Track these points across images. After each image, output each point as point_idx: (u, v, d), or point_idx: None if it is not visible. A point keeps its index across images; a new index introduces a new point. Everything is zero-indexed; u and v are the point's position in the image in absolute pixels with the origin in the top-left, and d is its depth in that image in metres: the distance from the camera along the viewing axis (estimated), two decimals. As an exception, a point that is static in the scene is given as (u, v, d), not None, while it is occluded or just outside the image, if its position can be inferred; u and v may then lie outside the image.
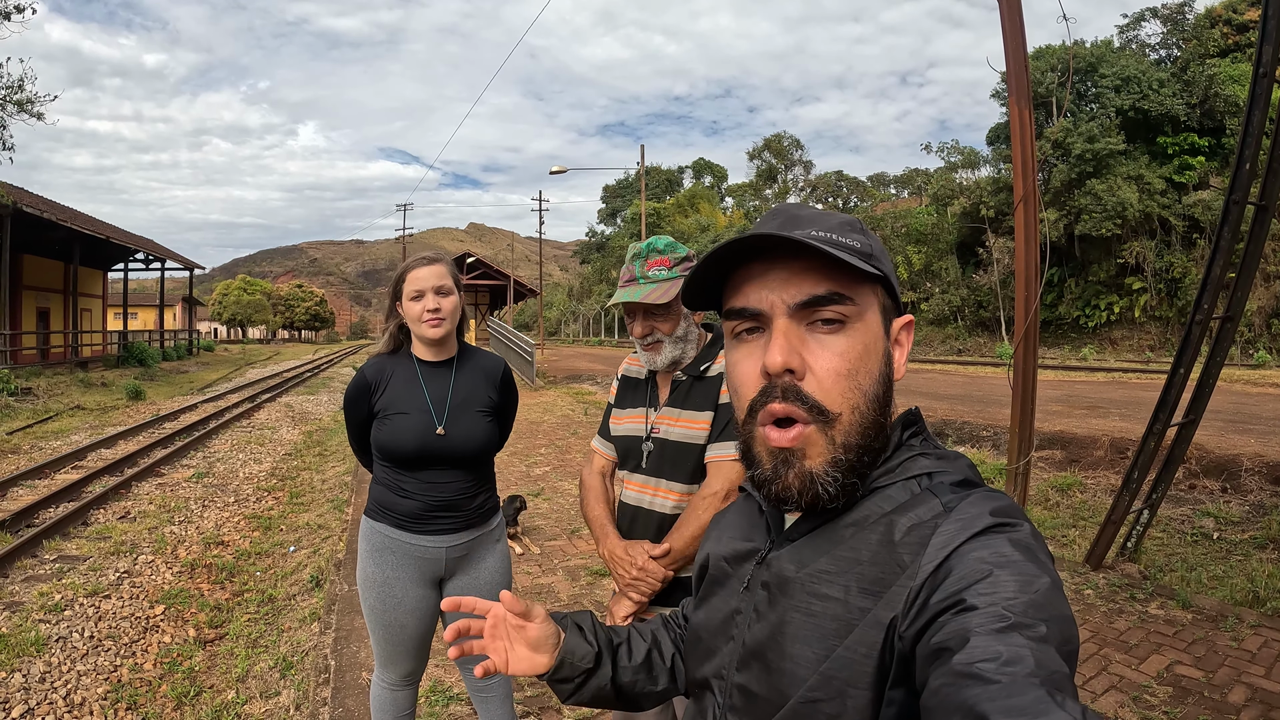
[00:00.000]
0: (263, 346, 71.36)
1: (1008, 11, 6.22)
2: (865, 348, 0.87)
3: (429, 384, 2.56)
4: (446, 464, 2.52)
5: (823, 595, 0.83)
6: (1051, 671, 0.62)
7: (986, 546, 0.74)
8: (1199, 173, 35.16)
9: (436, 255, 2.57)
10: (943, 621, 0.70)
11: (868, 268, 0.85)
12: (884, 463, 0.88)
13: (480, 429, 2.57)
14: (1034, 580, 0.69)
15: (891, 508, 0.84)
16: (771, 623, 0.88)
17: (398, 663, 2.66)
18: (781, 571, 0.89)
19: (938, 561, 0.75)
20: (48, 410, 17.17)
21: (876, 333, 0.88)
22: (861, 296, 0.87)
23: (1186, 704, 3.74)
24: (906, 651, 0.74)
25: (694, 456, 2.10)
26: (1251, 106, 5.01)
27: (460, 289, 2.58)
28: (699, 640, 1.02)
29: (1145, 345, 34.70)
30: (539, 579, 5.55)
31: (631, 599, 2.10)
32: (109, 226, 32.41)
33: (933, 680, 0.66)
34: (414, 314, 2.49)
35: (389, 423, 2.52)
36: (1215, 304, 5.32)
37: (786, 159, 73.96)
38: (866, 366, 0.87)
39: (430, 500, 2.52)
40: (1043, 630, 0.65)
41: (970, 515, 0.78)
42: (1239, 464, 8.22)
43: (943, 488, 0.84)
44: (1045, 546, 0.76)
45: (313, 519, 8.12)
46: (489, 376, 2.66)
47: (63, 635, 5.06)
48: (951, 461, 0.89)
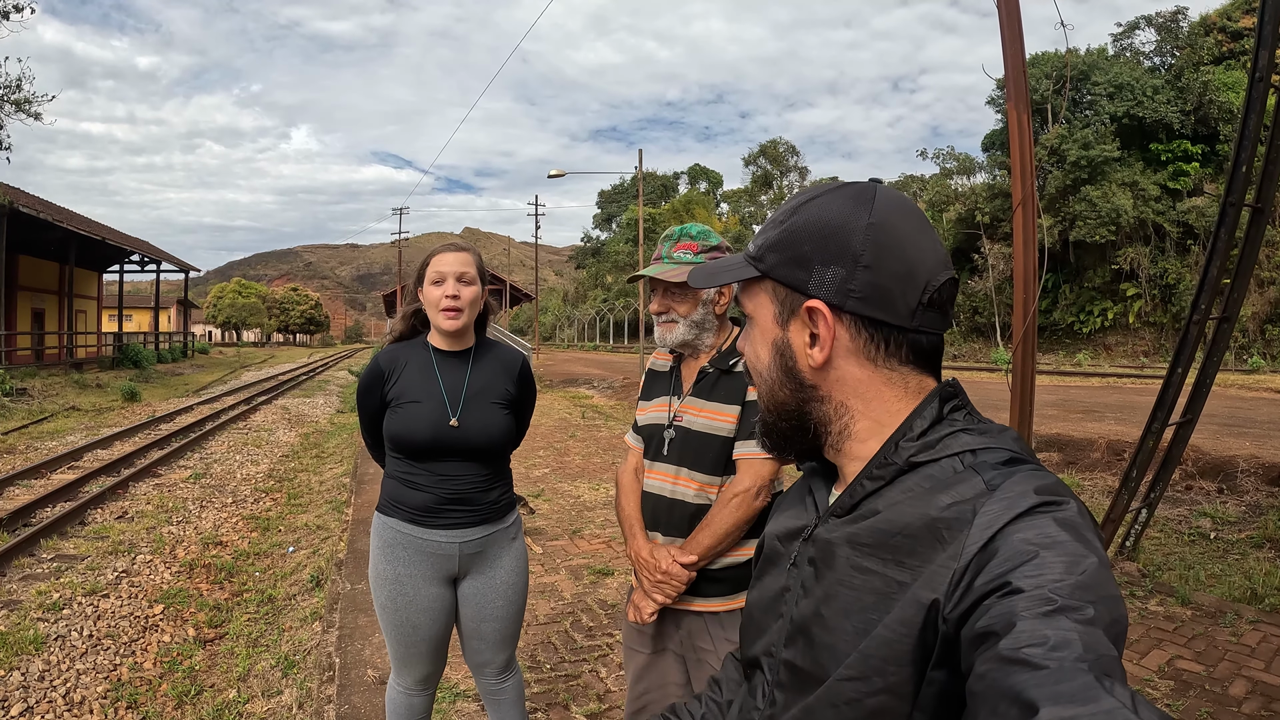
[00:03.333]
0: (258, 350, 71.23)
1: (1006, 16, 6.25)
2: (757, 337, 0.98)
3: (444, 373, 2.50)
4: (460, 456, 2.46)
5: (863, 569, 0.83)
6: (1099, 655, 0.61)
7: (1032, 527, 0.73)
8: (1193, 179, 35.32)
9: (466, 245, 2.55)
10: (988, 605, 0.69)
11: (715, 281, 1.04)
12: (922, 436, 0.87)
13: (496, 421, 2.51)
14: (1081, 560, 0.69)
15: (932, 485, 0.83)
16: (817, 598, 0.88)
17: (412, 665, 2.58)
18: (825, 547, 0.90)
19: (982, 543, 0.74)
20: (43, 411, 17.11)
21: (765, 326, 0.97)
22: (753, 296, 0.98)
23: (1188, 697, 3.76)
24: (951, 634, 0.74)
25: (716, 447, 2.11)
26: (1248, 111, 5.05)
27: (485, 282, 2.54)
28: (751, 619, 1.03)
29: (1140, 351, 34.81)
30: (542, 578, 5.55)
31: (656, 600, 2.11)
32: (104, 228, 32.31)
33: (979, 665, 0.66)
34: (433, 299, 2.44)
35: (401, 411, 2.46)
36: (1212, 305, 5.35)
37: (782, 165, 74.19)
38: (759, 353, 0.98)
39: (443, 493, 2.45)
40: (1090, 613, 0.65)
41: (1014, 494, 0.77)
42: (1235, 465, 8.26)
43: (985, 466, 0.81)
44: (1093, 524, 0.75)
45: (311, 520, 8.10)
46: (507, 369, 2.60)
47: (61, 634, 5.04)
48: (996, 436, 0.86)
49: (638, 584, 2.20)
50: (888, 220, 0.88)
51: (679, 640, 2.19)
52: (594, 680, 4.00)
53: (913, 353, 0.90)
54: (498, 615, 2.58)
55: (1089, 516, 0.76)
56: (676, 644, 2.20)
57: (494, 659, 2.64)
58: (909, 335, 0.89)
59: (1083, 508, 0.76)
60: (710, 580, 2.10)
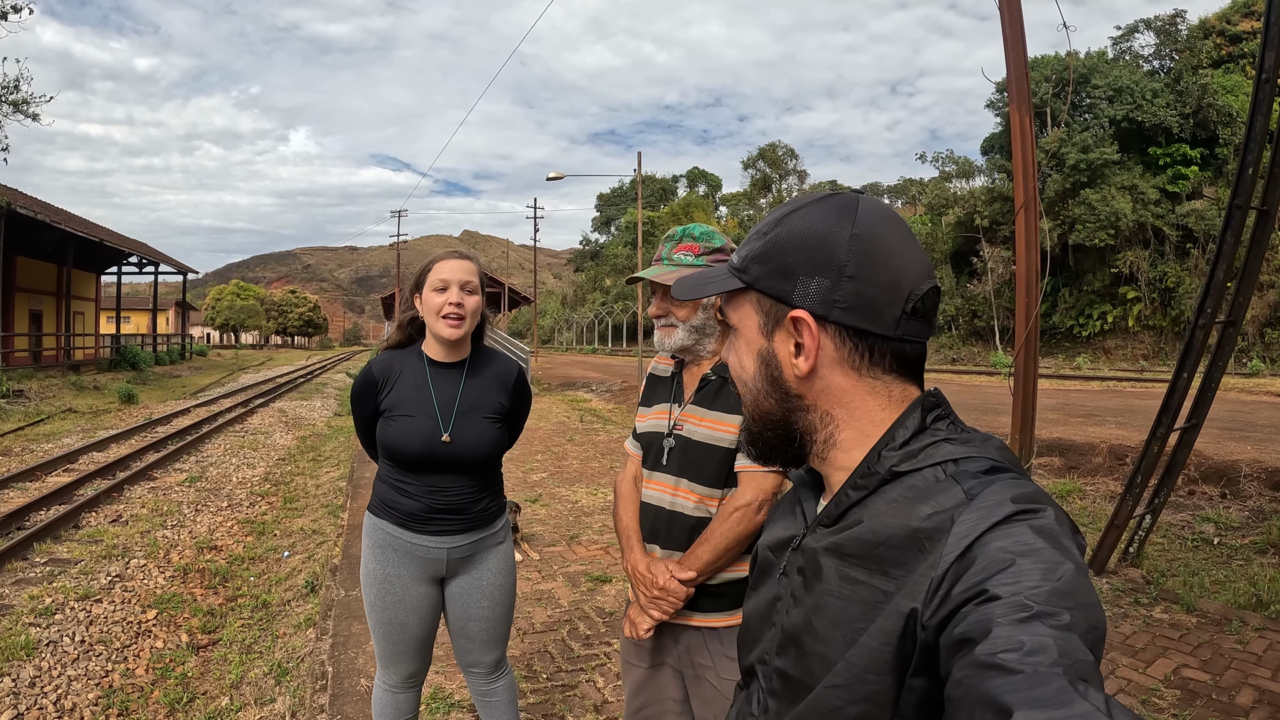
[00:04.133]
0: (256, 352, 71.28)
1: (1009, 18, 6.22)
2: (742, 348, 0.98)
3: (437, 386, 2.48)
4: (451, 470, 2.46)
5: (850, 579, 0.85)
6: (1076, 660, 0.61)
7: (1009, 535, 0.73)
8: (1192, 182, 35.37)
9: (469, 253, 2.52)
10: (965, 612, 0.70)
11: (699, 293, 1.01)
12: (904, 445, 0.88)
13: (488, 435, 2.49)
14: (1057, 567, 0.69)
15: (914, 495, 0.84)
16: (807, 607, 0.89)
17: (398, 663, 2.61)
18: (813, 557, 0.91)
19: (959, 551, 0.75)
20: (40, 413, 17.06)
21: (749, 337, 0.97)
22: (738, 307, 0.98)
23: (1195, 706, 3.71)
24: (930, 641, 0.74)
25: (717, 458, 2.05)
26: (1254, 112, 5.00)
27: (485, 291, 2.52)
28: (748, 628, 1.05)
29: (1139, 354, 34.83)
30: (539, 585, 5.50)
31: (653, 616, 2.04)
32: (102, 229, 32.30)
33: (956, 671, 0.66)
34: (434, 306, 2.41)
35: (394, 424, 2.45)
36: (1218, 308, 5.31)
37: (781, 168, 74.28)
38: (744, 363, 0.98)
39: (433, 503, 2.46)
40: (1066, 619, 0.65)
41: (992, 503, 0.77)
42: (1238, 470, 8.22)
43: (966, 475, 0.83)
44: (1072, 530, 0.76)
45: (307, 524, 8.04)
46: (501, 381, 2.57)
47: (53, 639, 4.98)
48: (978, 446, 0.87)
49: (634, 598, 2.14)
50: (871, 230, 0.89)
51: (677, 655, 2.13)
52: (591, 690, 3.94)
53: (896, 361, 0.91)
54: (483, 615, 2.61)
55: (1067, 524, 0.77)
56: (674, 659, 2.14)
57: (482, 659, 2.67)
58: (893, 344, 0.90)
59: (1061, 515, 0.77)
60: (710, 595, 2.04)
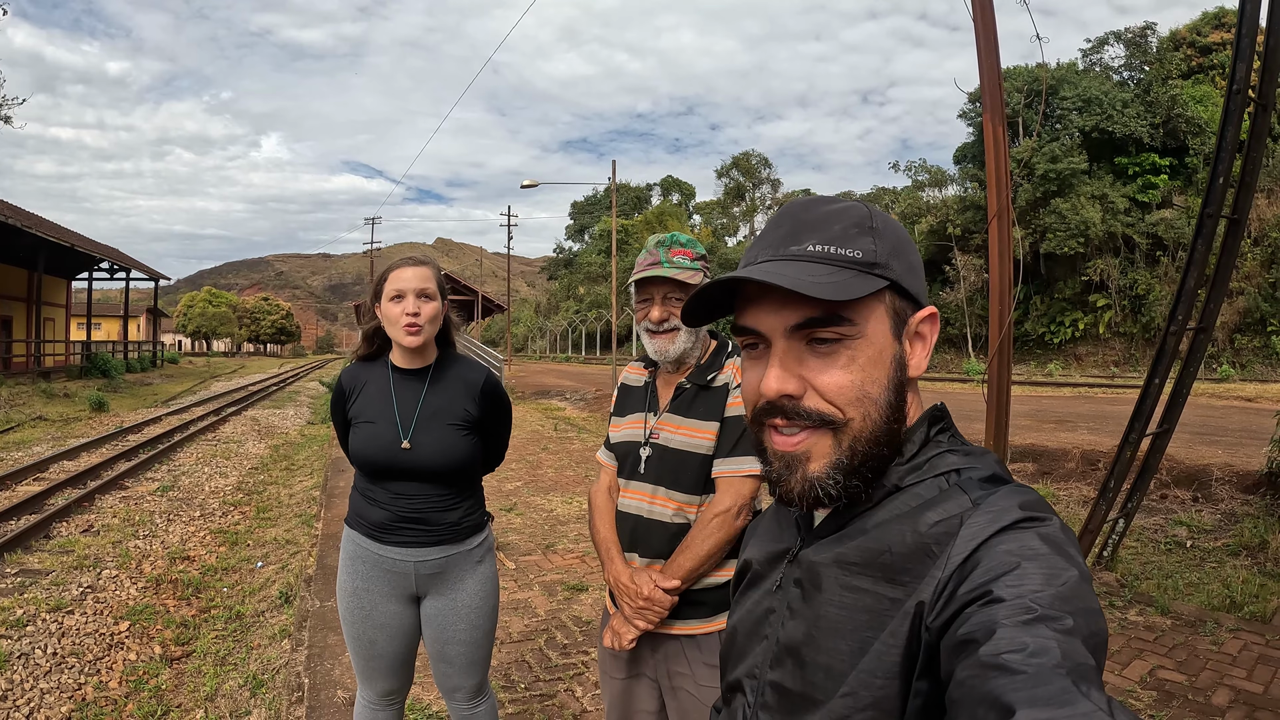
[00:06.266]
0: (228, 360, 70.47)
1: (982, 28, 6.28)
2: (869, 359, 0.85)
3: (399, 394, 2.46)
4: (414, 478, 2.42)
5: (854, 588, 0.84)
6: (1077, 663, 0.62)
7: (1015, 540, 0.74)
8: (1161, 192, 35.94)
9: (424, 258, 2.48)
10: (969, 613, 0.70)
11: (856, 291, 0.83)
12: (911, 460, 0.88)
13: (453, 444, 2.43)
14: (1061, 573, 0.69)
15: (919, 503, 0.84)
16: (806, 619, 0.88)
17: (372, 679, 2.56)
18: (811, 568, 0.90)
19: (966, 554, 0.76)
20: (9, 421, 16.75)
21: (882, 342, 0.86)
22: (863, 308, 0.85)
23: (1172, 707, 3.75)
24: (933, 642, 0.74)
25: (694, 466, 2.03)
26: (1225, 122, 5.09)
27: (445, 296, 2.48)
28: (734, 643, 1.03)
29: (1110, 360, 35.29)
30: (515, 594, 5.46)
31: (637, 627, 2.02)
32: (73, 234, 31.84)
33: (959, 672, 0.67)
34: (392, 316, 2.38)
35: (359, 431, 2.46)
36: (1190, 315, 5.38)
37: (754, 177, 74.71)
38: (873, 376, 0.85)
39: (398, 511, 2.42)
40: (1069, 623, 0.65)
41: (999, 509, 0.78)
42: (1210, 474, 8.34)
43: (971, 483, 0.84)
44: (1074, 541, 0.77)
45: (280, 534, 7.94)
46: (468, 388, 2.51)
47: (24, 651, 4.88)
48: (979, 458, 0.88)
49: (615, 609, 2.11)
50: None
51: (654, 665, 2.11)
52: (569, 700, 3.92)
53: None
54: (461, 639, 2.53)
55: (1071, 534, 0.77)
56: (651, 669, 2.12)
57: (462, 684, 2.59)
58: None
59: (1064, 525, 0.78)
60: (690, 603, 2.03)
